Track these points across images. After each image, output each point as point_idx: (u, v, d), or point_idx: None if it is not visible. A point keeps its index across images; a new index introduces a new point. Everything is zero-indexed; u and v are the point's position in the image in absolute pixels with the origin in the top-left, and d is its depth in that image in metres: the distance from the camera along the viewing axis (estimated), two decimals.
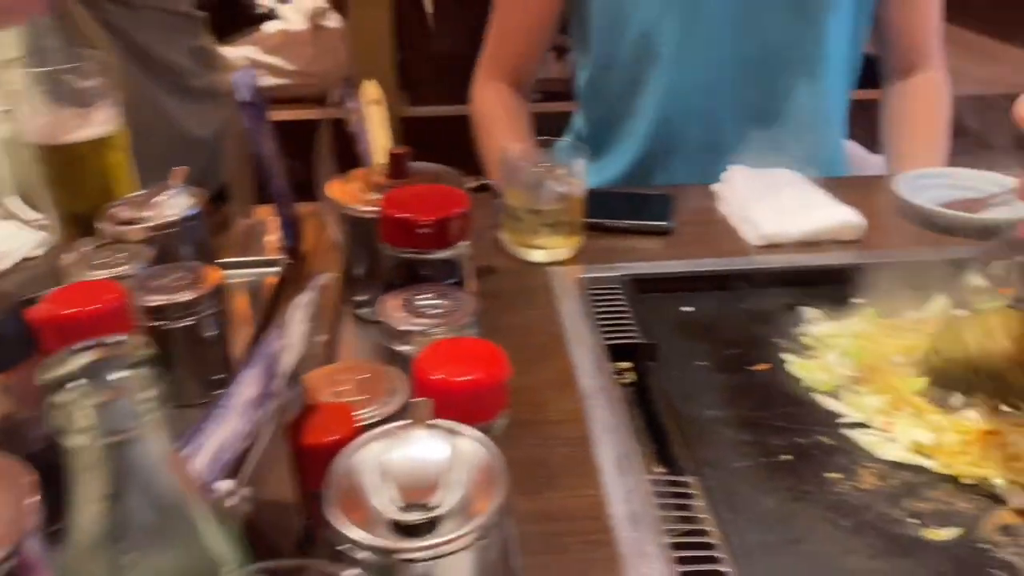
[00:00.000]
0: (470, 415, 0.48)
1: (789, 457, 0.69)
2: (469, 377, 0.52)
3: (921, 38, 1.28)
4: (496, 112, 1.31)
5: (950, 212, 1.01)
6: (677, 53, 1.21)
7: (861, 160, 1.48)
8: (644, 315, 0.87)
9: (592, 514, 0.61)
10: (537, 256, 0.98)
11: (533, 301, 0.90)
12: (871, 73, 1.36)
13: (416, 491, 0.43)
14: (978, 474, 0.64)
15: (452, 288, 0.69)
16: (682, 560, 0.57)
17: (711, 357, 0.82)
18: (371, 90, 0.92)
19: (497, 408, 0.53)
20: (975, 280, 0.79)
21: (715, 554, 0.57)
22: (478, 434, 0.45)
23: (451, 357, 0.53)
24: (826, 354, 0.81)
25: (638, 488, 0.63)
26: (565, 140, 1.45)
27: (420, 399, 0.46)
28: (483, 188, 0.94)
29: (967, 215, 1.01)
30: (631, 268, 0.95)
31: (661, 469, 0.69)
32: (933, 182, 1.10)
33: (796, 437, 0.71)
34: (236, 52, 2.17)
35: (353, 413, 0.51)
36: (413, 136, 1.37)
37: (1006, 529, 0.61)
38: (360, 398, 0.54)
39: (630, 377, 0.81)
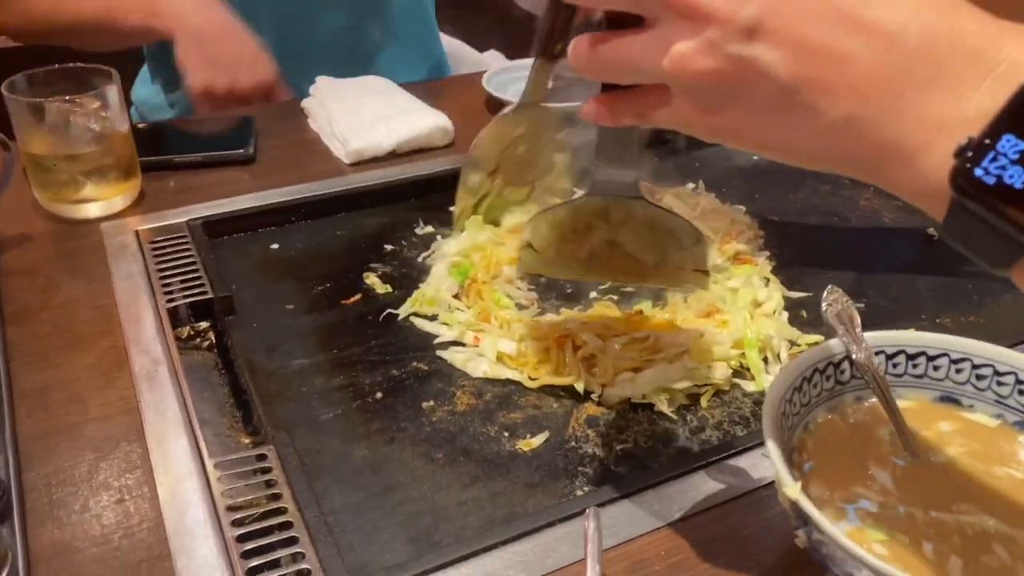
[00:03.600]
0: None
1: (381, 395, 0.63)
2: None
3: None
4: None
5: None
6: None
7: (464, 58, 1.45)
8: (221, 263, 0.76)
9: (141, 538, 0.51)
10: (86, 211, 0.81)
11: (80, 270, 0.74)
12: None
13: None
14: (560, 383, 0.63)
15: None
16: (249, 553, 0.48)
17: (299, 298, 0.74)
18: None
19: None
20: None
21: (292, 534, 0.50)
22: None
23: None
24: (428, 272, 0.76)
25: (199, 487, 0.53)
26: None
27: None
28: None
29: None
30: (205, 209, 0.83)
31: (248, 440, 0.61)
32: (520, 75, 1.09)
33: (392, 369, 0.66)
34: None
35: None
36: None
37: (591, 421, 0.60)
38: None
39: (211, 338, 0.71)
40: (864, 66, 0.35)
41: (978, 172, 0.33)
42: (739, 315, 0.67)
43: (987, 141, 0.32)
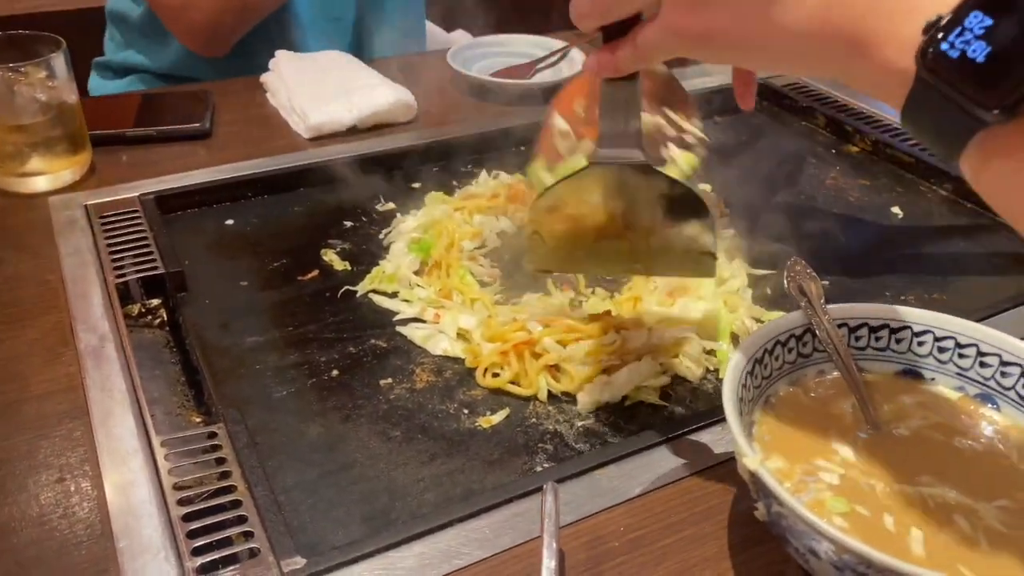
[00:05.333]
0: None
1: (338, 373, 0.61)
2: None
3: None
4: None
5: (500, 80, 0.99)
6: None
7: (431, 38, 1.43)
8: (174, 238, 0.73)
9: (81, 517, 0.49)
10: (33, 185, 0.78)
11: (26, 245, 0.72)
12: None
13: None
14: (520, 393, 0.59)
15: None
16: (196, 533, 0.47)
17: (254, 274, 0.72)
18: None
19: None
20: (559, 124, 0.73)
21: (241, 513, 0.48)
22: None
23: None
24: (388, 249, 0.74)
25: (145, 466, 0.51)
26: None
27: None
28: None
29: (516, 81, 1.00)
30: (158, 184, 0.80)
31: (199, 419, 0.59)
32: (485, 51, 1.08)
33: (349, 346, 0.64)
34: None
35: None
36: None
37: (552, 399, 0.59)
38: None
39: (163, 316, 0.68)
40: None
41: (944, 46, 0.33)
42: (711, 302, 0.65)
43: (956, 17, 0.33)
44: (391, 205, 0.81)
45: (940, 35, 0.33)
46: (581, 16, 0.47)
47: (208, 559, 0.45)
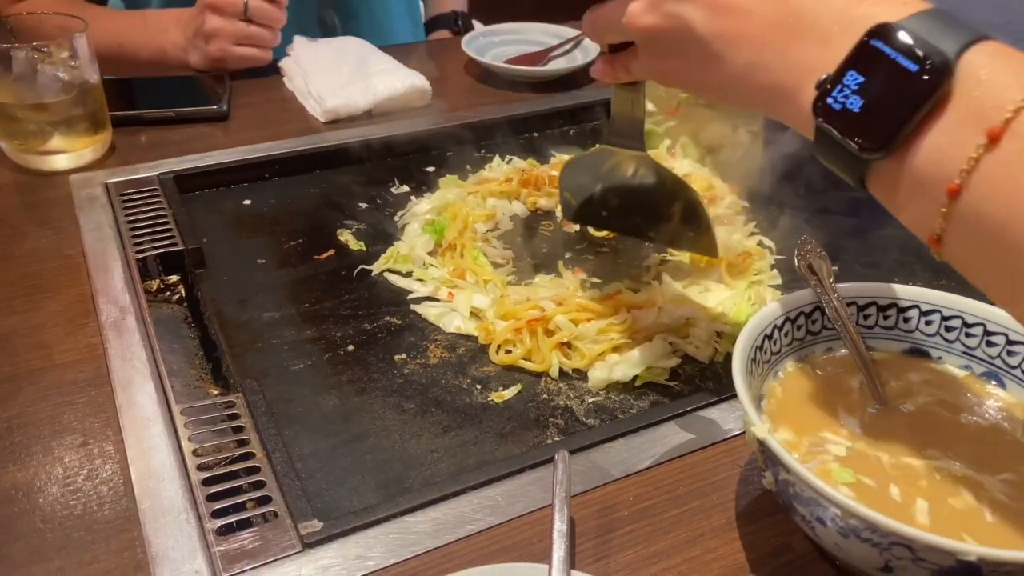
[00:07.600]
0: None
1: (353, 348, 0.62)
2: None
3: None
4: None
5: (514, 67, 1.00)
6: None
7: None
8: (192, 217, 0.75)
9: (105, 478, 0.50)
10: (55, 163, 0.79)
11: (48, 220, 0.73)
12: None
13: None
14: (532, 368, 0.60)
15: None
16: (215, 496, 0.48)
17: (271, 253, 0.73)
18: None
19: None
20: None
21: (259, 479, 0.49)
22: None
23: None
24: (403, 230, 0.75)
25: (165, 432, 0.52)
26: None
27: None
28: None
29: (529, 68, 1.01)
30: (177, 164, 0.81)
31: (216, 391, 0.60)
32: (500, 39, 1.09)
33: (364, 323, 0.65)
34: None
35: None
36: None
37: (563, 375, 0.60)
38: None
39: (181, 292, 0.70)
40: (760, 20, 0.43)
41: (829, 100, 0.40)
42: (723, 293, 0.66)
43: (837, 75, 0.40)
44: (405, 188, 0.82)
45: (826, 91, 0.40)
46: (586, 33, 0.56)
47: (227, 521, 0.46)
